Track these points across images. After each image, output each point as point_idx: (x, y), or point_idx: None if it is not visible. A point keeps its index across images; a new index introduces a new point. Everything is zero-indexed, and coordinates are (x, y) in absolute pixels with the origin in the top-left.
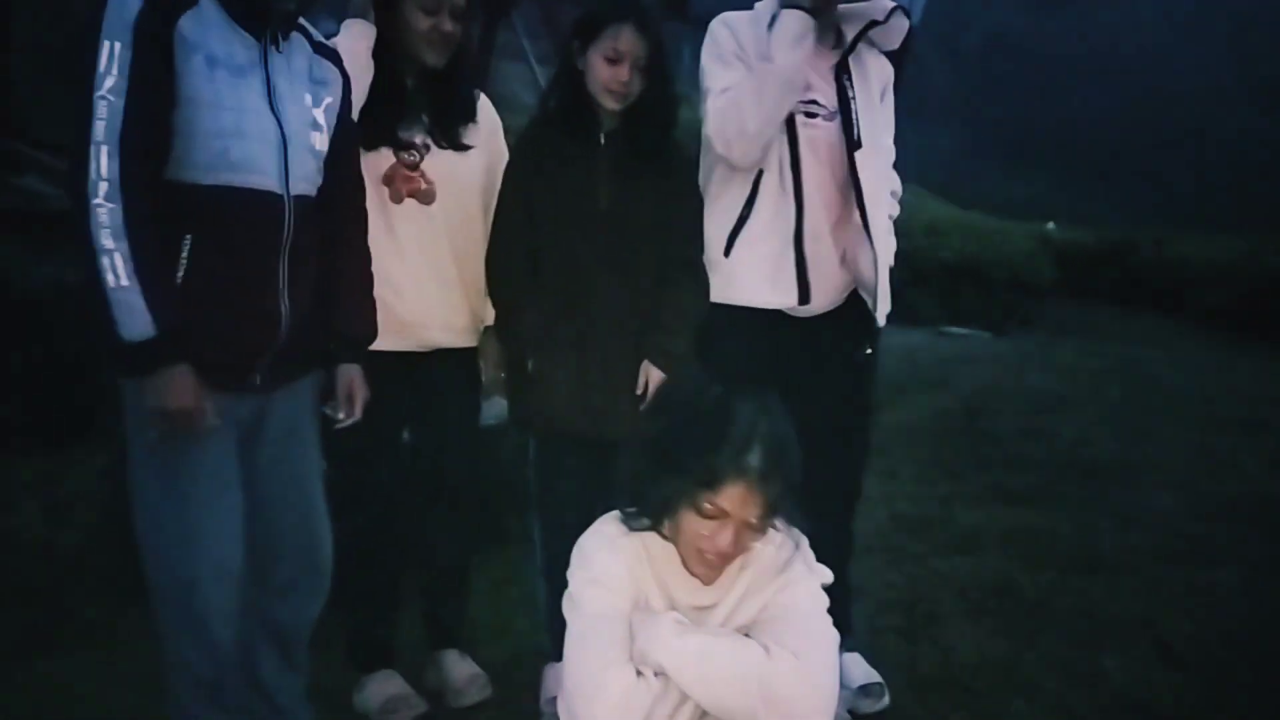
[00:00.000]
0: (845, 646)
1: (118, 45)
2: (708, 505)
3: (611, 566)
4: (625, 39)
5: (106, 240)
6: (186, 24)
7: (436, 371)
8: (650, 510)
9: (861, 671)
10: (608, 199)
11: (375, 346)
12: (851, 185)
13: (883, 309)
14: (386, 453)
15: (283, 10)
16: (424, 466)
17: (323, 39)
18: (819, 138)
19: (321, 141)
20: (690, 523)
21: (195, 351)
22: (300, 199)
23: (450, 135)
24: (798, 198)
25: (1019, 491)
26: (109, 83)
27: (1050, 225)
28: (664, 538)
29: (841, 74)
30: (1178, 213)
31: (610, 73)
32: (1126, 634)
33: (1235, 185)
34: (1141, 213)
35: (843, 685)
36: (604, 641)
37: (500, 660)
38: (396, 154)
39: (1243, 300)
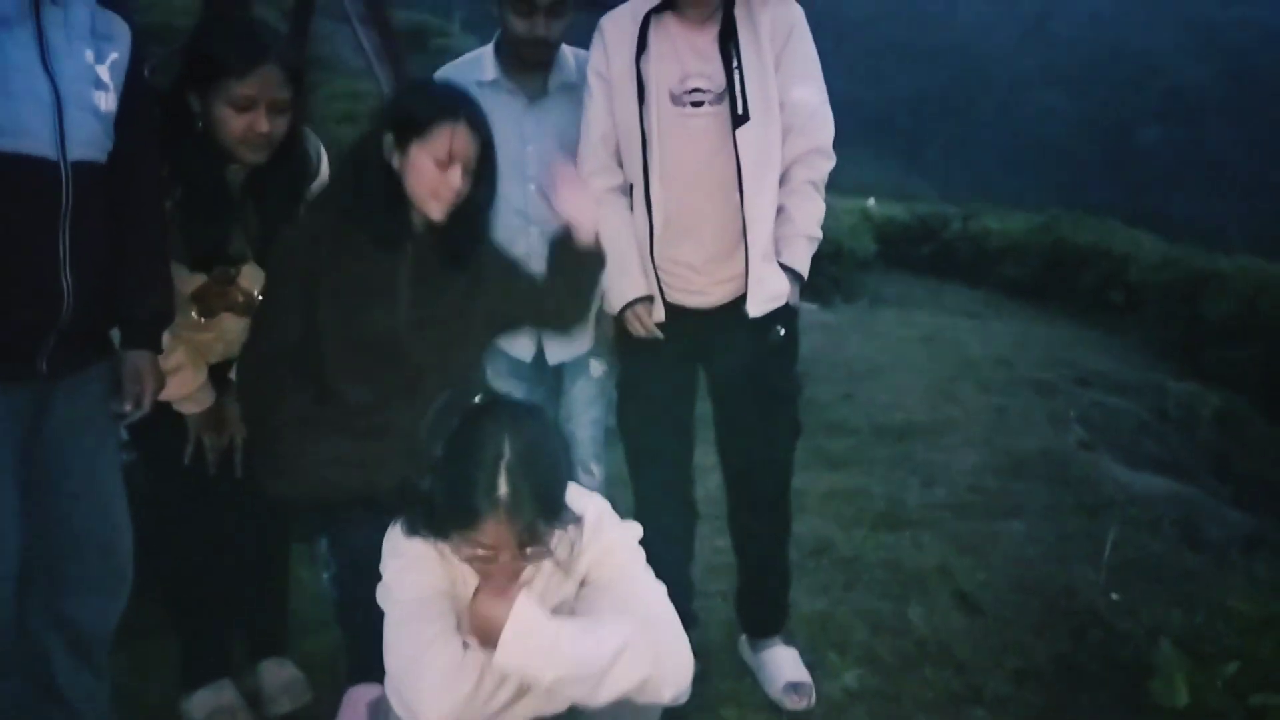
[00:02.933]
0: (782, 641)
1: None
2: (475, 542)
3: (423, 550)
4: (460, 139)
5: None
6: None
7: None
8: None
9: (793, 668)
10: (408, 313)
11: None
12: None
13: (756, 297)
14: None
15: None
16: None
17: None
18: (703, 127)
19: (108, 101)
20: (465, 553)
21: None
22: (81, 164)
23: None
24: (647, 203)
25: (837, 455)
26: None
27: (871, 201)
28: None
29: (727, 43)
30: (983, 190)
31: (439, 177)
32: (929, 585)
33: (1036, 164)
34: (951, 190)
35: (771, 679)
36: (423, 621)
37: (324, 653)
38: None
39: (1037, 271)
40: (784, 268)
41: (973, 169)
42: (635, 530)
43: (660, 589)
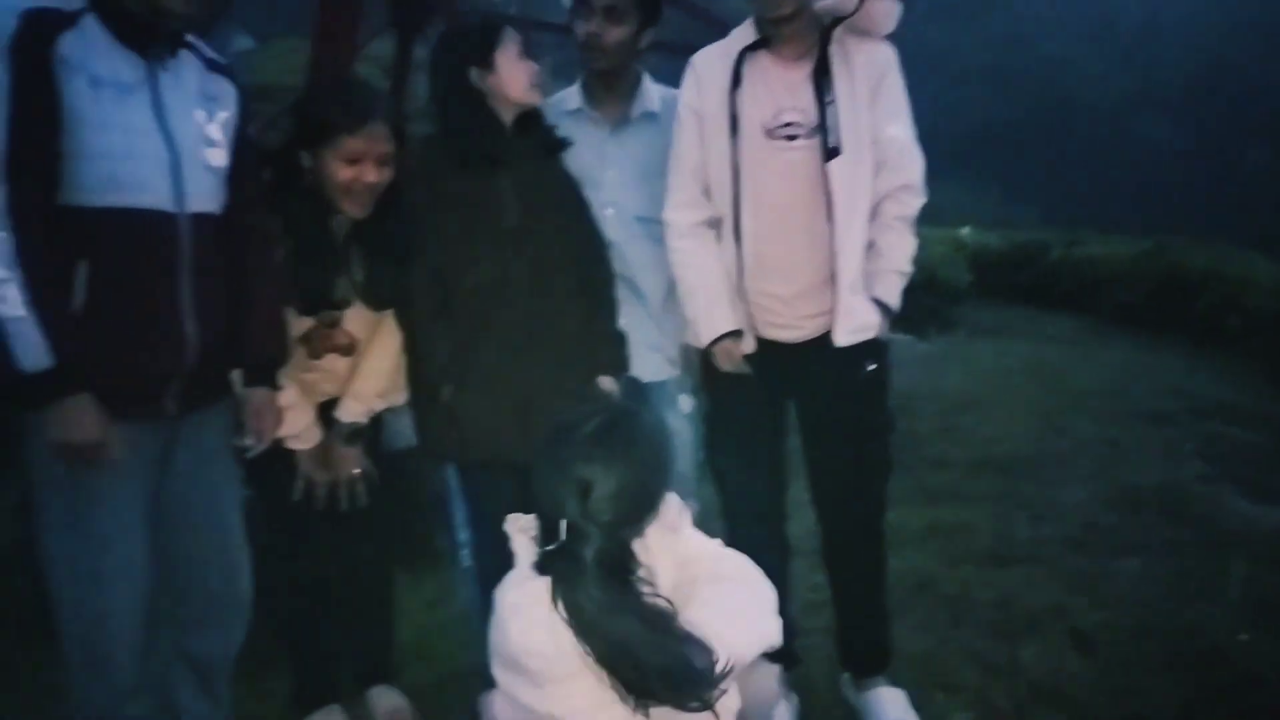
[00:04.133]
0: (886, 681)
1: None
2: None
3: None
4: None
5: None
6: (66, 44)
7: None
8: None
9: (899, 709)
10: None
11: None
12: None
13: (843, 327)
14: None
15: (168, 28)
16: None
17: (214, 55)
18: (797, 160)
19: (220, 157)
20: None
21: (98, 380)
22: (199, 217)
23: (377, 296)
24: (737, 236)
25: (938, 489)
26: None
27: (965, 230)
28: None
29: (820, 78)
30: (1085, 216)
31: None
32: (1041, 624)
33: (1137, 188)
34: (1051, 217)
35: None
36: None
37: (429, 683)
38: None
39: (1146, 298)
40: (874, 301)
41: (1074, 195)
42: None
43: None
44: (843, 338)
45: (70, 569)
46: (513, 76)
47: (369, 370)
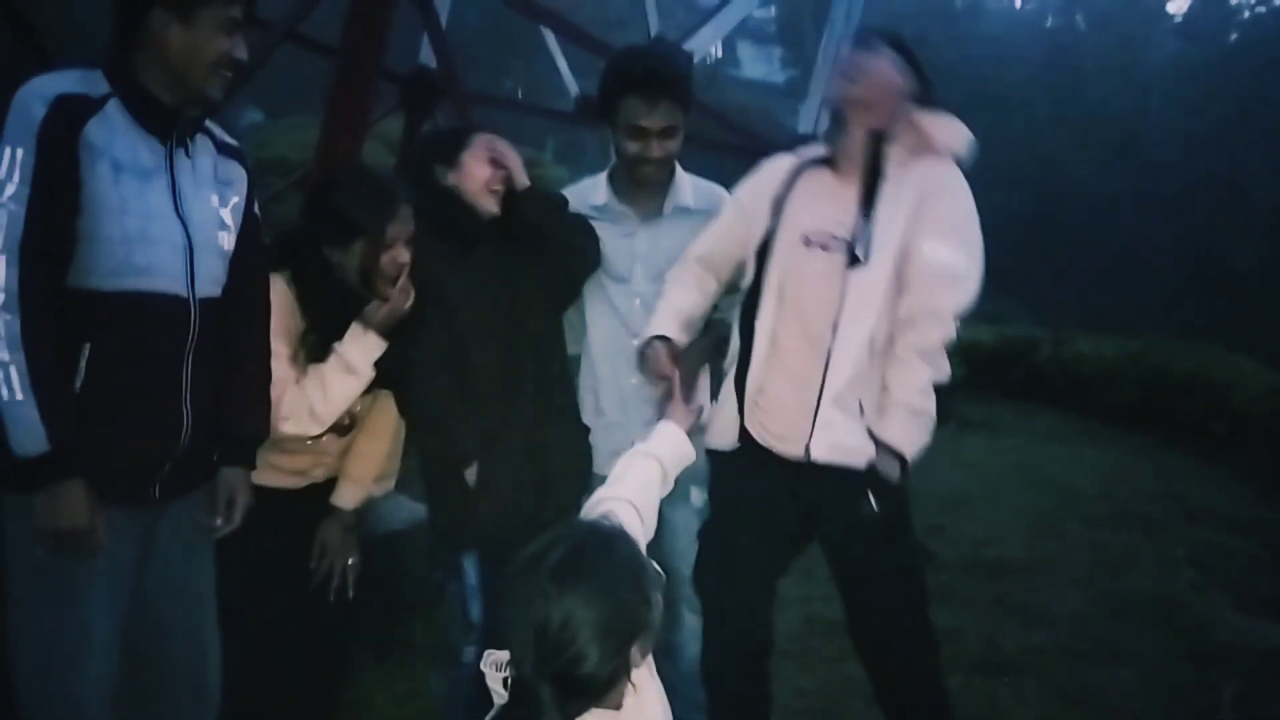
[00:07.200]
0: None
1: (20, 151)
2: None
3: None
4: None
5: (1, 353)
6: (93, 130)
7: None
8: None
9: None
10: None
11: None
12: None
13: (820, 440)
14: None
15: (191, 115)
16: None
17: (226, 137)
18: (821, 268)
19: (229, 241)
20: None
21: (92, 463)
22: (206, 301)
23: (387, 372)
24: (745, 336)
25: (929, 591)
26: (9, 190)
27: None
28: None
29: (871, 192)
30: (1074, 313)
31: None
32: None
33: (1128, 286)
34: (1040, 313)
35: None
36: None
37: None
38: None
39: (1134, 398)
40: (879, 442)
41: (1062, 292)
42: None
43: None
44: (818, 452)
45: (45, 653)
46: (471, 177)
47: (366, 453)
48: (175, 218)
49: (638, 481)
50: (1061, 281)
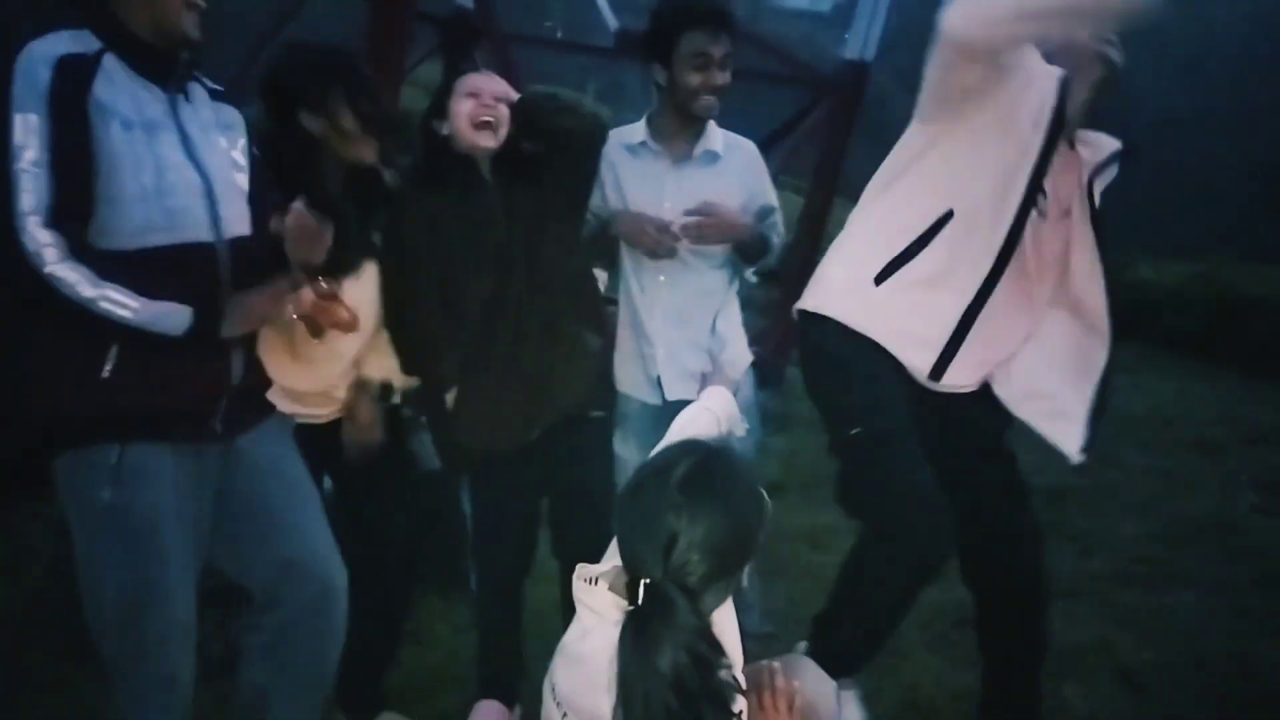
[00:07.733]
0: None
1: (33, 117)
2: None
3: None
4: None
5: (88, 290)
6: (100, 89)
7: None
8: None
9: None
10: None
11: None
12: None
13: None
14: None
15: (184, 58)
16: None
17: (214, 84)
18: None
19: (244, 181)
20: None
21: (149, 407)
22: (236, 241)
23: (372, 249)
24: (1000, 261)
25: None
26: (29, 155)
27: None
28: None
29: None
30: (1137, 237)
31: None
32: (1087, 661)
33: (1192, 210)
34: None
35: None
36: None
37: (455, 709)
38: (310, 283)
39: (1200, 324)
40: None
41: (1124, 215)
42: None
43: None
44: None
45: (123, 596)
46: (457, 116)
47: (383, 346)
48: (191, 165)
49: (698, 431)
50: (1123, 204)
